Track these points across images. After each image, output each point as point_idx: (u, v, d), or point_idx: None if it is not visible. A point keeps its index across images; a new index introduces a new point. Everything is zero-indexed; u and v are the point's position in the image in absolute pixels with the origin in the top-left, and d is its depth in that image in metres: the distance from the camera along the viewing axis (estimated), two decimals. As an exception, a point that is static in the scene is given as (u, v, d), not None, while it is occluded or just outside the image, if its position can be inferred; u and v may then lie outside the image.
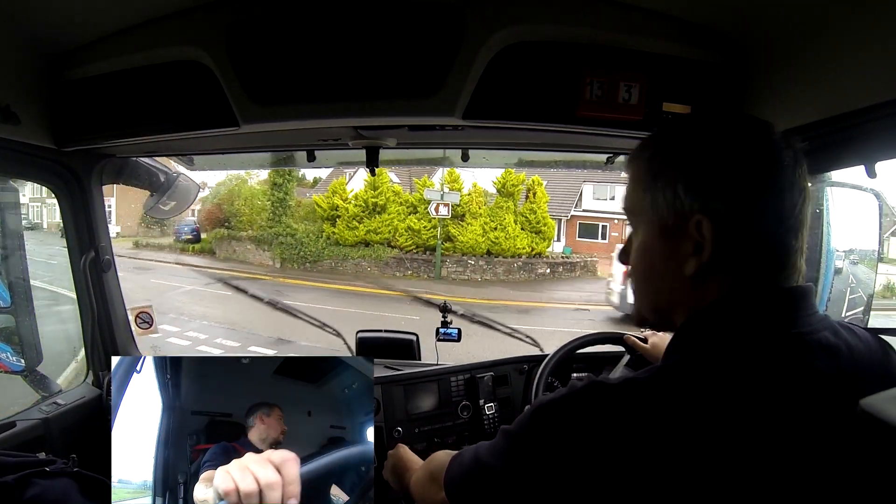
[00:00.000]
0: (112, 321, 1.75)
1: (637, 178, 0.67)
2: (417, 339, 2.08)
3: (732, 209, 0.59)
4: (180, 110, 1.20)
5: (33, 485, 0.92)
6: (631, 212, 0.69)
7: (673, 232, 0.62)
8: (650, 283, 0.68)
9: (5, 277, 1.54)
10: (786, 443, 0.53)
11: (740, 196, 0.59)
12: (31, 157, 1.40)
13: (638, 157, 0.68)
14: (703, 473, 0.52)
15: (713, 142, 0.62)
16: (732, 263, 0.61)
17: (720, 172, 0.60)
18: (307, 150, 1.54)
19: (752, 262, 0.61)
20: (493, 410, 1.76)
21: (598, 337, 1.70)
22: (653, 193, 0.64)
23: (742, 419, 0.53)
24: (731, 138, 0.62)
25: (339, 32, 1.06)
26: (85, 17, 1.14)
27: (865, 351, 0.63)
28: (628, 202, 0.70)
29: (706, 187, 0.60)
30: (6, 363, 1.54)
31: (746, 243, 0.60)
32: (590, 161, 1.72)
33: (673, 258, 0.63)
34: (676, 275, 0.63)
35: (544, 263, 15.65)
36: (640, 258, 0.68)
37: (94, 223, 1.63)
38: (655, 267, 0.66)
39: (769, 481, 0.52)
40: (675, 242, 0.62)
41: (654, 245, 0.65)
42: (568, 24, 1.05)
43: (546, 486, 0.60)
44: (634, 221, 0.69)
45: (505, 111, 1.10)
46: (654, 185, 0.64)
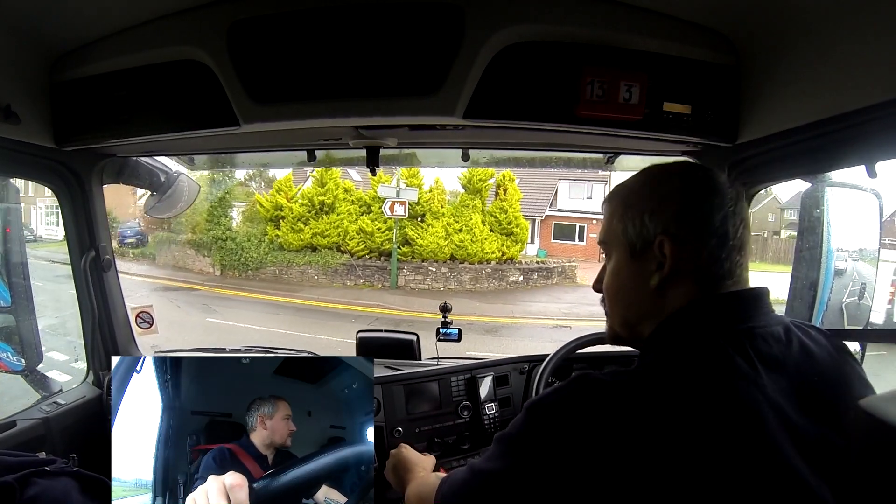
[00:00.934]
0: (112, 321, 1.75)
1: (612, 212, 0.80)
2: (418, 339, 2.07)
3: (686, 232, 0.72)
4: (181, 110, 1.21)
5: (33, 484, 0.92)
6: (605, 243, 0.82)
7: (640, 253, 0.75)
8: (621, 299, 0.80)
9: (6, 277, 1.54)
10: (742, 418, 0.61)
11: (692, 222, 0.73)
12: (32, 157, 1.40)
13: (615, 197, 0.82)
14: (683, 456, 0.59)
15: (672, 182, 0.77)
16: (688, 275, 0.73)
17: (676, 205, 0.74)
18: (307, 149, 1.54)
19: (704, 274, 0.73)
20: (493, 410, 1.76)
21: (599, 336, 1.70)
22: (624, 222, 0.77)
23: (708, 401, 0.62)
24: (687, 179, 0.76)
25: (340, 32, 1.06)
26: (86, 17, 1.14)
27: (817, 349, 0.72)
28: (604, 235, 0.82)
29: (665, 215, 0.74)
30: (6, 363, 1.55)
31: (698, 258, 0.72)
32: (590, 160, 1.72)
33: (640, 274, 0.76)
34: (643, 289, 0.75)
35: (517, 270, 13.80)
36: (613, 279, 0.80)
37: (95, 223, 1.63)
38: (626, 284, 0.78)
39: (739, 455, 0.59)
40: (642, 261, 0.75)
41: (624, 265, 0.78)
42: (568, 24, 1.06)
43: (547, 481, 0.65)
44: (608, 250, 0.81)
45: (505, 111, 1.10)
46: (625, 216, 0.77)
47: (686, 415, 0.61)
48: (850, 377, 0.73)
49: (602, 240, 0.83)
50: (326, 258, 13.34)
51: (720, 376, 0.64)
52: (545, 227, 19.05)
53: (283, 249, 13.61)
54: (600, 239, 0.83)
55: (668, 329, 0.74)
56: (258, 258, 13.58)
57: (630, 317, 0.79)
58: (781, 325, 0.72)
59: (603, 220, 0.83)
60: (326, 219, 13.59)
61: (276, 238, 13.68)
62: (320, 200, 13.60)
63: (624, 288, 0.79)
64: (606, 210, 0.83)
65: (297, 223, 13.55)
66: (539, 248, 18.02)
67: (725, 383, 0.63)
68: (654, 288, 0.74)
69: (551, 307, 11.77)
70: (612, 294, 0.81)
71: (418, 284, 13.14)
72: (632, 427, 0.61)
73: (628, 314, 0.79)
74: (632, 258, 0.76)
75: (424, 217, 13.79)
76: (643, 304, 0.76)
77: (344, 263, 13.33)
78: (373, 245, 13.58)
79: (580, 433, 0.63)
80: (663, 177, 0.78)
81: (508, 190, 14.24)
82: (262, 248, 13.67)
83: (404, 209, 12.48)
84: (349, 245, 13.54)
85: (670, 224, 0.73)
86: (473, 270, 13.35)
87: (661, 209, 0.74)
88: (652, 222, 0.74)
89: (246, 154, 1.67)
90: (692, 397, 0.62)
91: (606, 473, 0.60)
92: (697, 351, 0.67)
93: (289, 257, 13.48)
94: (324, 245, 13.45)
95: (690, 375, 0.64)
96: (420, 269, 13.24)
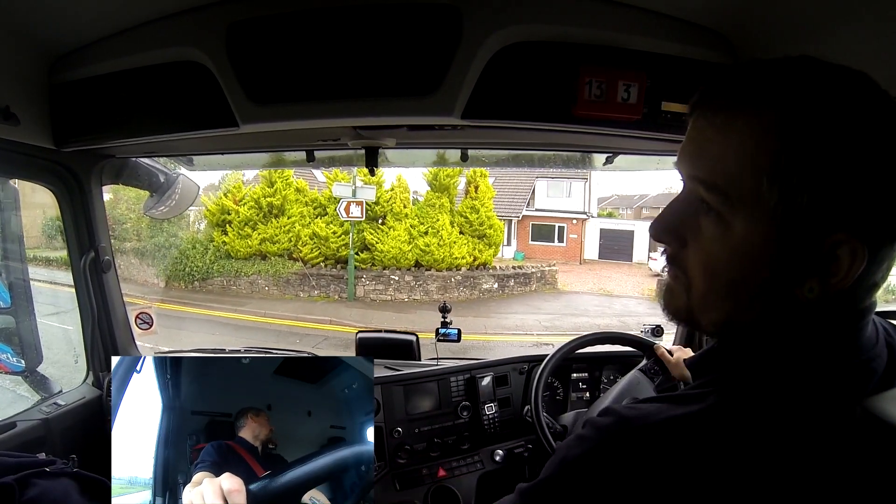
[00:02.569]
0: (112, 322, 1.75)
1: (758, 151, 0.47)
2: (417, 340, 2.08)
3: (884, 238, 0.47)
4: (179, 111, 1.21)
5: (33, 485, 0.92)
6: (722, 191, 0.50)
7: (798, 242, 0.48)
8: (736, 293, 0.52)
9: (5, 278, 1.54)
10: None
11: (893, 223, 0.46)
12: (31, 158, 1.40)
13: (761, 119, 0.47)
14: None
15: (879, 150, 0.45)
16: (849, 295, 0.49)
17: (890, 190, 0.45)
18: (306, 150, 1.54)
19: (864, 297, 0.51)
20: (492, 411, 1.76)
21: (599, 337, 1.70)
22: (783, 182, 0.46)
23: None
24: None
25: (338, 32, 1.06)
26: (84, 18, 1.14)
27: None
28: (721, 177, 0.49)
29: (865, 201, 0.45)
30: (6, 364, 1.55)
31: (876, 276, 0.49)
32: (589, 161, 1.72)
33: (784, 270, 0.49)
34: (780, 291, 0.50)
35: (490, 276, 12.26)
36: (732, 263, 0.51)
37: (94, 224, 1.64)
38: (754, 276, 0.50)
39: None
40: (798, 254, 0.48)
41: (763, 250, 0.49)
42: (566, 24, 1.05)
43: None
44: (722, 203, 0.50)
45: (504, 111, 1.10)
46: (787, 178, 0.46)
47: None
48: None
49: (712, 182, 0.50)
50: (277, 267, 11.96)
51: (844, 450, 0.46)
52: (522, 227, 18.16)
53: (230, 257, 12.18)
54: (701, 175, 0.51)
55: (783, 358, 0.51)
56: (204, 267, 12.11)
57: (738, 321, 0.53)
58: (880, 336, 0.53)
59: (708, 138, 0.51)
60: (276, 223, 12.19)
61: (222, 245, 12.24)
62: (268, 202, 12.18)
63: (747, 281, 0.50)
64: (734, 129, 0.49)
65: (244, 228, 12.15)
66: (516, 251, 17.32)
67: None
68: (804, 299, 0.48)
69: (530, 319, 10.32)
70: (721, 284, 0.52)
71: (379, 295, 11.72)
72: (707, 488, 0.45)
73: (736, 317, 0.53)
74: (780, 243, 0.48)
75: (385, 219, 12.41)
76: (768, 310, 0.51)
77: (296, 272, 11.90)
78: (328, 251, 12.11)
79: (628, 494, 0.47)
80: (882, 124, 0.46)
81: (480, 187, 12.77)
82: (209, 256, 12.17)
83: (361, 210, 11.07)
84: (301, 252, 12.09)
85: (867, 219, 0.46)
86: (441, 278, 11.86)
87: (863, 188, 0.45)
88: (838, 205, 0.45)
89: (244, 155, 1.67)
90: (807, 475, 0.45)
91: None
92: (814, 408, 0.47)
93: (236, 266, 12.07)
94: (273, 252, 12.05)
95: (810, 443, 0.46)
96: (381, 277, 11.79)
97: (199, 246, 12.44)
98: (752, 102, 0.48)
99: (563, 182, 18.21)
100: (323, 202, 12.59)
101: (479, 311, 10.72)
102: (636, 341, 1.70)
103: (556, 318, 10.42)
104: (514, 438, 1.77)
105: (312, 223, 12.33)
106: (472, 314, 10.38)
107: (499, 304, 11.68)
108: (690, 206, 0.53)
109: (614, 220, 20.60)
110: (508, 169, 13.31)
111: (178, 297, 11.21)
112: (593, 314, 11.36)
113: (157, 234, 12.51)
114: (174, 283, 12.25)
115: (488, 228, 12.84)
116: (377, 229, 12.35)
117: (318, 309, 10.89)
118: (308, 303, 11.44)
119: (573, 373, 1.88)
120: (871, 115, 0.46)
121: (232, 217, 12.34)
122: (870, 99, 0.47)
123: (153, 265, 12.47)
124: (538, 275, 13.28)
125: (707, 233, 0.52)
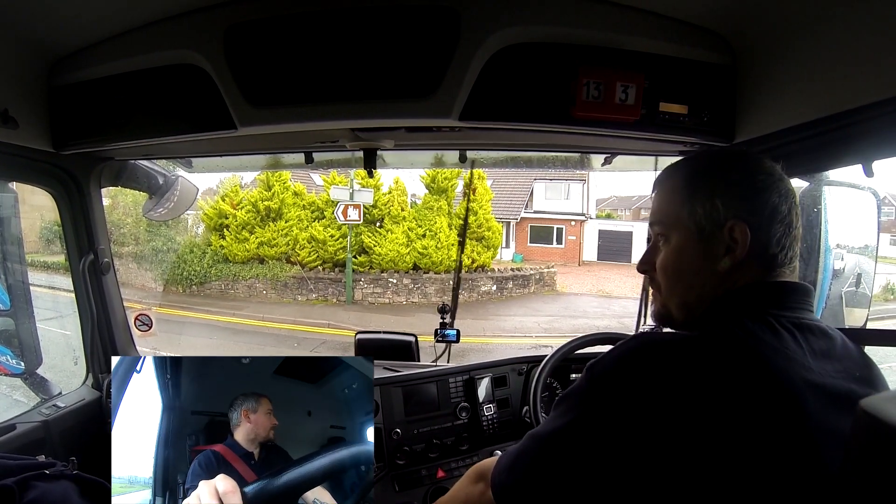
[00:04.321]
0: (111, 324, 1.75)
1: (673, 193, 0.81)
2: (416, 341, 2.08)
3: (759, 218, 0.74)
4: (178, 113, 1.21)
5: (33, 488, 0.92)
6: (662, 223, 0.82)
7: (708, 236, 0.76)
8: (683, 280, 0.80)
9: (5, 281, 1.54)
10: (787, 399, 0.64)
11: (763, 208, 0.75)
12: (30, 161, 1.40)
13: (673, 177, 0.82)
14: (729, 423, 0.62)
15: (739, 169, 0.78)
16: (753, 260, 0.75)
17: (748, 191, 0.76)
18: (305, 152, 1.54)
19: (768, 260, 0.75)
20: (491, 412, 1.76)
21: (598, 337, 1.70)
22: (691, 204, 0.78)
23: (761, 374, 0.64)
24: (753, 167, 0.77)
25: (337, 35, 1.07)
26: (83, 21, 1.14)
27: (854, 349, 0.76)
28: (660, 215, 0.82)
29: (737, 200, 0.75)
30: (6, 366, 1.55)
31: (768, 245, 0.75)
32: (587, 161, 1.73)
33: (707, 257, 0.77)
34: (708, 271, 0.77)
35: (489, 279, 12.34)
36: (674, 260, 0.80)
37: (93, 226, 1.64)
38: (690, 266, 0.79)
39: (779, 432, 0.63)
40: (709, 244, 0.76)
41: (689, 247, 0.78)
42: (564, 25, 1.06)
43: (609, 438, 0.66)
44: (665, 230, 0.81)
45: (502, 112, 1.11)
46: (693, 198, 0.78)
47: (739, 384, 0.64)
48: (879, 379, 0.75)
49: (658, 220, 0.83)
50: (275, 270, 11.94)
51: (774, 352, 0.67)
52: (520, 229, 18.19)
53: (227, 261, 12.13)
54: (655, 220, 0.84)
55: (725, 306, 0.75)
56: (201, 272, 12.09)
57: (691, 299, 0.79)
58: (822, 323, 0.75)
59: (656, 201, 0.84)
60: (273, 226, 12.14)
61: (220, 249, 12.19)
62: (266, 206, 12.16)
63: (688, 270, 0.79)
64: (662, 191, 0.83)
65: (241, 232, 12.10)
66: (515, 253, 17.29)
67: (778, 360, 0.66)
68: (723, 271, 0.76)
69: (529, 321, 10.49)
70: (672, 275, 0.81)
71: (377, 298, 11.75)
72: (691, 387, 0.64)
73: (688, 296, 0.80)
74: (699, 240, 0.77)
75: (383, 222, 12.42)
76: (706, 286, 0.77)
77: (294, 276, 11.92)
78: (325, 255, 12.09)
79: (643, 390, 0.65)
80: (729, 163, 0.80)
81: (478, 190, 12.77)
82: (206, 260, 12.15)
83: (358, 213, 11.13)
84: (299, 255, 12.08)
85: (742, 209, 0.75)
86: (440, 281, 11.82)
87: (733, 194, 0.76)
88: (724, 206, 0.75)
89: (243, 157, 1.68)
90: (747, 368, 0.65)
91: (666, 431, 0.63)
92: (755, 327, 0.69)
93: (234, 270, 12.04)
94: (271, 256, 12.00)
95: (747, 348, 0.67)
96: (379, 280, 11.79)
97: (196, 250, 12.39)
98: (673, 172, 0.84)
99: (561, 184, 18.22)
100: (320, 205, 12.56)
101: (477, 314, 10.72)
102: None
103: (555, 320, 10.50)
104: (513, 439, 1.77)
105: (310, 226, 12.28)
106: (470, 316, 10.33)
107: (497, 307, 11.69)
108: (653, 243, 0.84)
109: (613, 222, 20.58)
110: (506, 170, 14.06)
111: (176, 302, 11.13)
112: (592, 315, 11.35)
113: (154, 239, 12.34)
114: (172, 287, 12.22)
115: (486, 231, 12.81)
116: (375, 232, 12.30)
117: (315, 312, 10.87)
118: (306, 306, 11.40)
119: (572, 373, 1.88)
120: (731, 158, 0.82)
121: (229, 221, 12.26)
122: (730, 152, 0.89)
123: (151, 270, 12.38)
124: (537, 276, 13.28)
125: (661, 251, 0.82)
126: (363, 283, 11.81)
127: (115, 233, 12.01)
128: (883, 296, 8.68)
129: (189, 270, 12.14)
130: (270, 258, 12.02)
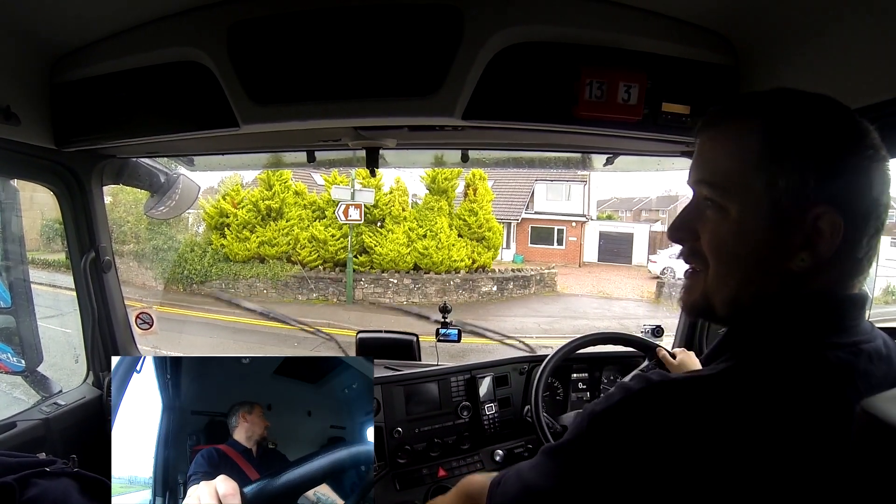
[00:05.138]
0: (112, 322, 1.75)
1: (743, 150, 0.58)
2: (417, 340, 2.07)
3: (858, 209, 0.56)
4: (180, 111, 1.21)
5: (33, 485, 0.92)
6: (719, 186, 0.60)
7: (786, 220, 0.56)
8: (742, 269, 0.59)
9: (6, 278, 1.54)
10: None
11: (866, 197, 0.56)
12: (32, 158, 1.40)
13: (743, 127, 0.59)
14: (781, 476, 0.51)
15: (839, 134, 0.57)
16: (836, 265, 0.57)
17: (854, 172, 0.55)
18: (307, 150, 1.54)
19: (853, 267, 0.58)
20: (493, 411, 1.76)
21: (599, 337, 1.70)
22: (769, 173, 0.56)
23: (811, 431, 0.52)
24: (850, 130, 0.57)
25: (339, 33, 1.07)
26: (85, 18, 1.14)
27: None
28: (717, 174, 0.60)
29: (837, 181, 0.55)
30: (7, 364, 1.55)
31: (859, 246, 0.57)
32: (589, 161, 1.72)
33: (777, 246, 0.57)
34: (776, 266, 0.57)
35: (489, 279, 12.19)
36: (734, 240, 0.59)
37: (95, 224, 1.63)
38: (755, 253, 0.58)
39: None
40: (785, 231, 0.56)
41: (757, 228, 0.58)
42: (567, 25, 1.06)
43: (607, 499, 0.55)
44: (721, 197, 0.60)
45: (504, 112, 1.11)
46: (774, 165, 0.56)
47: (787, 442, 0.51)
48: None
49: (710, 180, 0.61)
50: (276, 270, 11.80)
51: (833, 404, 0.53)
52: (521, 230, 17.94)
53: (228, 260, 11.99)
54: (705, 178, 0.62)
55: (781, 324, 0.58)
56: (202, 270, 11.92)
57: (745, 295, 0.60)
58: (880, 337, 0.60)
59: (709, 150, 0.62)
60: (274, 225, 12.04)
61: (221, 248, 12.07)
62: (267, 205, 12.06)
63: (750, 257, 0.59)
64: (724, 140, 0.61)
65: (242, 231, 11.99)
66: (516, 254, 17.14)
67: (838, 414, 0.52)
68: (798, 271, 0.57)
69: (529, 322, 10.20)
70: (729, 259, 0.60)
71: (378, 298, 11.57)
72: (724, 445, 0.51)
73: (743, 292, 0.60)
74: (771, 223, 0.57)
75: (384, 222, 12.29)
76: (769, 285, 0.59)
77: (295, 276, 11.77)
78: (326, 254, 11.94)
79: (653, 448, 0.53)
80: (831, 124, 0.57)
81: (479, 190, 12.67)
82: (207, 259, 11.99)
83: (360, 213, 10.98)
84: (300, 255, 11.95)
85: (838, 193, 0.55)
86: (440, 281, 11.76)
87: (830, 171, 0.55)
88: (816, 184, 0.55)
89: (245, 155, 1.67)
90: (796, 422, 0.51)
91: (684, 491, 0.52)
92: (810, 366, 0.54)
93: (235, 269, 11.88)
94: (272, 255, 11.86)
95: (799, 396, 0.53)
96: (379, 280, 11.69)
97: (197, 249, 12.28)
98: (739, 115, 0.60)
99: (562, 185, 18.04)
100: (321, 205, 12.47)
101: (478, 314, 10.48)
102: (638, 342, 1.70)
103: (556, 321, 10.36)
104: (514, 439, 1.77)
105: (311, 226, 12.20)
106: (471, 317, 9.77)
107: (498, 307, 11.57)
108: (698, 206, 0.63)
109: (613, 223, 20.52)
110: (508, 171, 14.08)
111: (176, 301, 10.93)
112: (592, 317, 11.26)
113: (155, 238, 12.21)
114: (172, 286, 12.04)
115: (487, 231, 12.73)
116: (376, 232, 12.21)
117: (315, 311, 10.71)
118: (306, 306, 11.29)
119: (573, 373, 1.88)
120: (832, 117, 0.58)
121: (230, 220, 12.17)
122: (829, 107, 0.59)
123: (151, 268, 12.23)
124: (537, 277, 13.15)
125: (711, 220, 0.61)
126: (364, 282, 11.75)
127: (117, 231, 11.85)
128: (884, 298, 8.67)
129: (190, 269, 12.02)
130: (271, 257, 11.92)
